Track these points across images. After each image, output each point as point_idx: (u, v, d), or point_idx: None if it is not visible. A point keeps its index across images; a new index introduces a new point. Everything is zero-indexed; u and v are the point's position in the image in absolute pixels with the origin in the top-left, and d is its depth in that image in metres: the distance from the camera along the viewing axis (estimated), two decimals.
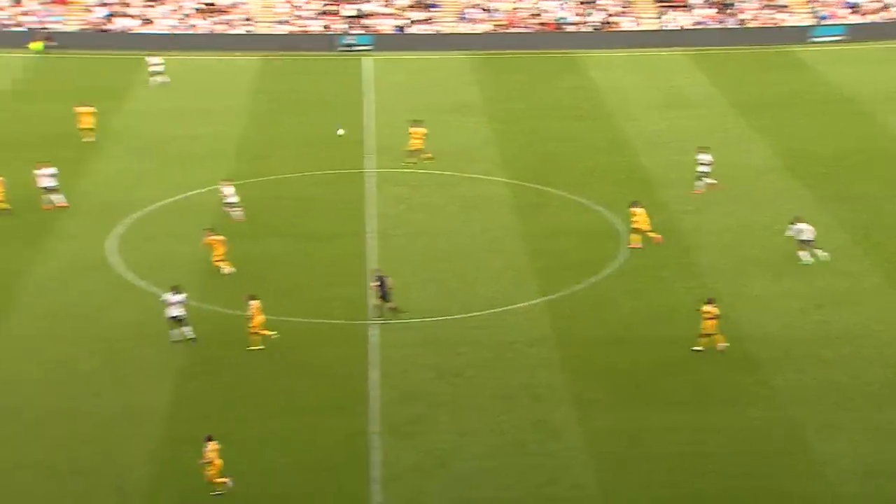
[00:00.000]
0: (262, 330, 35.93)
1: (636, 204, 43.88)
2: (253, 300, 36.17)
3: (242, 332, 36.11)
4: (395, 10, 78.56)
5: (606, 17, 78.49)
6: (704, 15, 78.97)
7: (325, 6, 78.26)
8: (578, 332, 37.41)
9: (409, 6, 78.86)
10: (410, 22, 77.83)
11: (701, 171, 49.07)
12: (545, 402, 33.25)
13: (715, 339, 35.79)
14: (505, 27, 77.69)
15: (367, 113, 61.40)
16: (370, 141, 56.49)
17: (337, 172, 52.01)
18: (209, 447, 29.06)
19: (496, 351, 36.14)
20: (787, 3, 79.80)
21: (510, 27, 77.72)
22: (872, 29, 77.39)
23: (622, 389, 33.91)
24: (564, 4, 78.81)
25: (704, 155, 49.31)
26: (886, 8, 79.37)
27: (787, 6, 79.66)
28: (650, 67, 70.99)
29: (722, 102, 63.21)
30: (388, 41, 75.58)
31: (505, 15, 78.27)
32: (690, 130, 57.48)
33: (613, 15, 78.69)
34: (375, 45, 75.15)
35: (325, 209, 47.70)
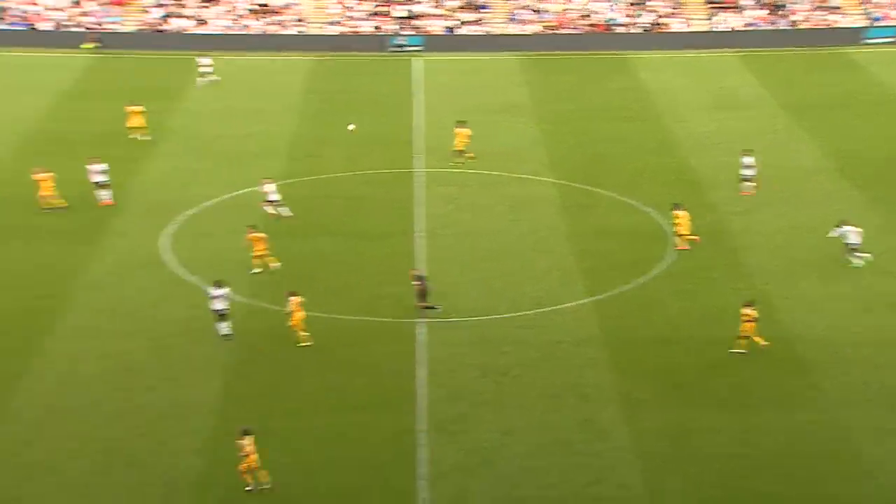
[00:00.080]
0: (300, 329, 36.13)
1: (678, 206, 43.77)
2: (293, 296, 36.40)
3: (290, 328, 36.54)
4: (445, 11, 78.79)
5: (656, 18, 78.27)
6: (755, 16, 78.50)
7: (376, 7, 78.69)
8: (626, 332, 37.42)
9: (459, 7, 79.05)
10: (460, 23, 78.04)
11: (744, 174, 48.90)
12: (592, 401, 33.31)
13: (754, 341, 35.64)
14: (554, 28, 77.67)
15: (416, 113, 61.68)
16: (419, 141, 56.75)
17: (387, 172, 52.33)
18: (245, 441, 29.25)
19: (543, 350, 36.24)
20: (839, 4, 79.14)
21: (560, 28, 77.70)
22: None
23: (669, 390, 33.90)
24: (614, 6, 78.68)
25: (748, 158, 49.13)
26: None
27: (839, 7, 78.99)
28: (700, 69, 70.70)
29: (772, 104, 62.84)
30: (438, 42, 75.82)
31: (554, 16, 78.25)
32: (740, 132, 57.26)
33: (663, 16, 78.44)
34: (426, 45, 75.42)
35: (374, 208, 48.00)
